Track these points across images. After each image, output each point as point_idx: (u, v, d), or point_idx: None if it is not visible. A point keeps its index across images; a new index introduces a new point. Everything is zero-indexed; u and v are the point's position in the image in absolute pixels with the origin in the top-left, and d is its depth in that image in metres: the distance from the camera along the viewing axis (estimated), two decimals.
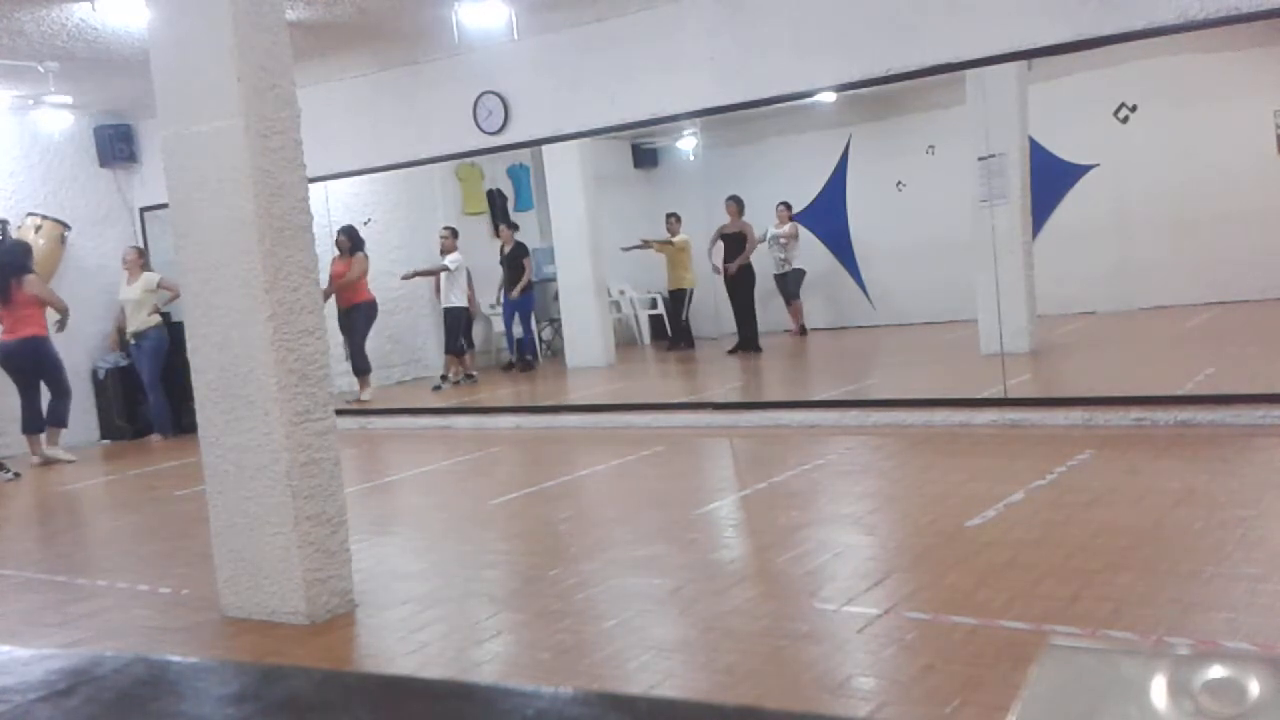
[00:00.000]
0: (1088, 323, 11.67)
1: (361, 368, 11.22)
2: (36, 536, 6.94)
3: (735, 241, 12.43)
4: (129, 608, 4.89)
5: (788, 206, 13.32)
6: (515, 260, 12.65)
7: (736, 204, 12.50)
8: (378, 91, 9.74)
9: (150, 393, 10.48)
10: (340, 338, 11.22)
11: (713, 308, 12.85)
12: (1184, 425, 6.57)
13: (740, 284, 12.35)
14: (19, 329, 9.13)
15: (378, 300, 11.44)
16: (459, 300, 12.03)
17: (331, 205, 10.70)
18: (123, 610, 4.86)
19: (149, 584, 5.22)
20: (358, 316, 11.23)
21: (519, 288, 12.63)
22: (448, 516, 6.46)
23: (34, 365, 9.24)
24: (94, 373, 10.81)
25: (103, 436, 10.85)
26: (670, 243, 13.27)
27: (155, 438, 10.52)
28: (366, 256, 11.32)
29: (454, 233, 12.05)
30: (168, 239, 6.70)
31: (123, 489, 8.51)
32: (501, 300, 13.02)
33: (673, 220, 13.26)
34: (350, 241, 11.19)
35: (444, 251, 11.94)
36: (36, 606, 5.09)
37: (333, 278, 10.94)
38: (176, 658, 1.05)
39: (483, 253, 12.97)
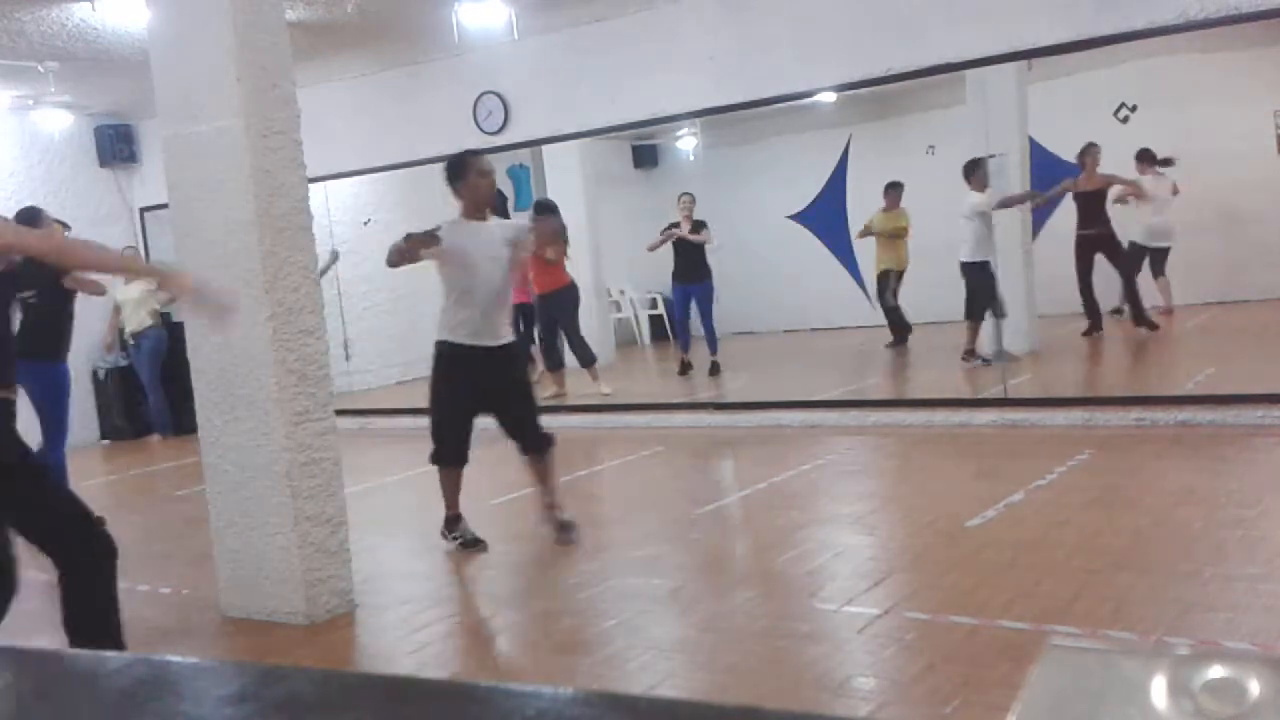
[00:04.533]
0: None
1: (587, 358, 10.12)
2: None
3: (1093, 201, 9.93)
4: (129, 608, 4.87)
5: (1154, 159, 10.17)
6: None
7: (1094, 156, 9.98)
8: (378, 91, 9.74)
9: (150, 393, 10.48)
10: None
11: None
12: (1184, 425, 6.57)
13: (1116, 251, 10.01)
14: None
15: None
16: (987, 253, 8.98)
17: (331, 205, 10.69)
18: (123, 610, 4.85)
19: (149, 584, 5.22)
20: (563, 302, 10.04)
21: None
22: None
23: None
24: (94, 373, 10.81)
25: (103, 436, 10.85)
26: (894, 220, 11.21)
27: (155, 438, 10.53)
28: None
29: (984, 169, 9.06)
30: (168, 239, 6.69)
31: (123, 489, 8.51)
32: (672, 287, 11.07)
33: (892, 191, 11.22)
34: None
35: (975, 188, 9.09)
36: (37, 606, 5.09)
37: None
38: (176, 658, 1.05)
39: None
